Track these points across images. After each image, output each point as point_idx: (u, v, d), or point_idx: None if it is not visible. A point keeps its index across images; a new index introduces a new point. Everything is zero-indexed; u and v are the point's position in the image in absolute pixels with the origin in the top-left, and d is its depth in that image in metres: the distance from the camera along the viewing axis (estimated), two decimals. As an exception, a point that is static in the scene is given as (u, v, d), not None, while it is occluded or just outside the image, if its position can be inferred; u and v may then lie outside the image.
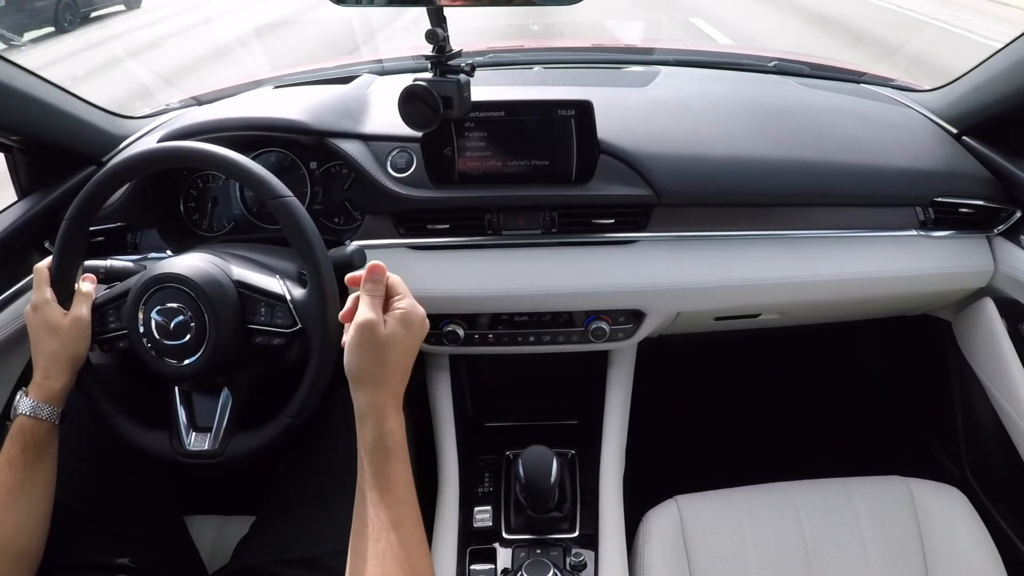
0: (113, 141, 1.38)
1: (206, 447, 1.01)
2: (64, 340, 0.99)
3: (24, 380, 1.15)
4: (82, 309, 1.02)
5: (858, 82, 1.56)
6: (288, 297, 1.00)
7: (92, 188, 1.02)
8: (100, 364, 1.08)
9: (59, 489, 0.99)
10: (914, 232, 1.23)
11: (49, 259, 1.03)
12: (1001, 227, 1.24)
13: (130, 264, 1.14)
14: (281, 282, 1.02)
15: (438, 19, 0.92)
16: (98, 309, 1.04)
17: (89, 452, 1.11)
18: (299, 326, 0.99)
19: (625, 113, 1.24)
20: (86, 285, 1.05)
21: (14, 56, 1.22)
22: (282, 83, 1.56)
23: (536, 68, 1.57)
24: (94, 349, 1.03)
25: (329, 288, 0.99)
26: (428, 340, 1.23)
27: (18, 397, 0.97)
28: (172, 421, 1.03)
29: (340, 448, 1.16)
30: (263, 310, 1.00)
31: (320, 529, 1.06)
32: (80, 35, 9.31)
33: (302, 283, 1.04)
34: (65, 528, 1.02)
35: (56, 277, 1.02)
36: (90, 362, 1.03)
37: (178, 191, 1.31)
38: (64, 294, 1.02)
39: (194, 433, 1.02)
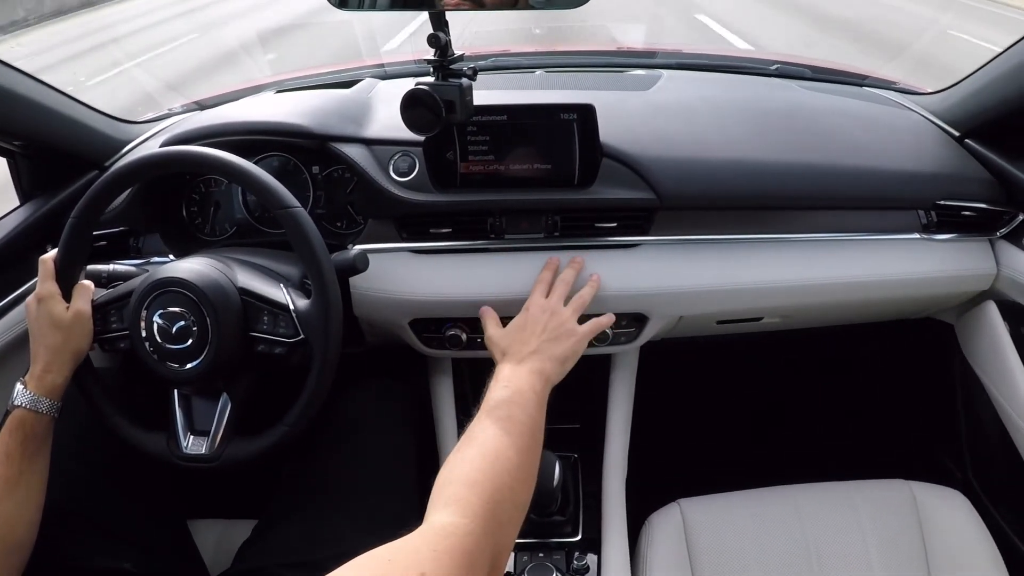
0: (115, 145, 1.38)
1: (203, 451, 1.01)
2: (67, 335, 0.99)
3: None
4: (82, 303, 1.02)
5: (860, 85, 1.56)
6: (292, 308, 1.00)
7: (99, 189, 1.02)
8: (100, 366, 1.08)
9: (62, 491, 0.99)
10: (916, 235, 1.23)
11: (55, 252, 1.03)
12: (1004, 230, 1.24)
13: (133, 269, 1.14)
14: (285, 291, 1.02)
15: (440, 23, 0.93)
16: (100, 308, 1.03)
17: (91, 455, 1.11)
18: (301, 336, 0.99)
19: (627, 117, 1.24)
20: (84, 281, 1.05)
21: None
22: (284, 87, 1.56)
23: (538, 72, 1.57)
24: (94, 348, 1.03)
25: (333, 300, 0.99)
26: (430, 344, 1.24)
27: (16, 389, 0.96)
28: (170, 423, 1.03)
29: (343, 452, 1.16)
30: (266, 319, 1.00)
31: (322, 533, 1.06)
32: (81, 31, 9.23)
33: (305, 291, 1.04)
34: (67, 531, 1.02)
35: (61, 269, 1.02)
36: (89, 359, 1.03)
37: (180, 196, 1.31)
38: (67, 289, 1.02)
39: (192, 436, 1.02)
